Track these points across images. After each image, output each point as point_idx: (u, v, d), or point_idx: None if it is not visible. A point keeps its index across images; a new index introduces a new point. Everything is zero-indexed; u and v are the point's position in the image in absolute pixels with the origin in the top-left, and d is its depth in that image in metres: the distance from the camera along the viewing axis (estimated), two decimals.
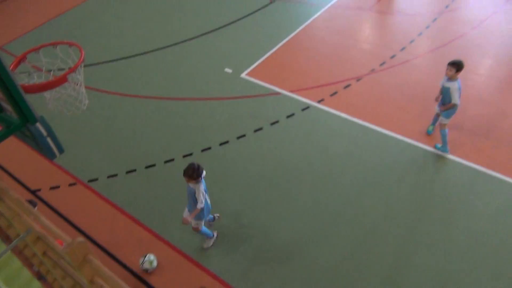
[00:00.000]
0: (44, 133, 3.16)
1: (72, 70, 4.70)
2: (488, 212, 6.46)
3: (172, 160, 7.92)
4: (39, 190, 7.65)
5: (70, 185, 7.71)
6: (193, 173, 5.44)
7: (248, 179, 7.41)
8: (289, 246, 6.36)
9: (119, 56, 10.92)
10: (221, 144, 8.09)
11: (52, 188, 7.69)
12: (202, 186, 5.63)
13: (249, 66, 9.98)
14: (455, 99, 6.84)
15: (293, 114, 8.53)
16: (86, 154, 8.28)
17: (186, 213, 5.99)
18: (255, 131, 8.28)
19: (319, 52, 10.22)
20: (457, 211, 6.53)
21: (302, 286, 5.84)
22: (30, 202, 5.38)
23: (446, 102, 7.04)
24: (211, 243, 6.45)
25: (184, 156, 7.94)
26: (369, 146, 7.70)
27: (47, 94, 5.07)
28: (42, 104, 4.66)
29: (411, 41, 10.18)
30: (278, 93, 9.10)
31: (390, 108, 8.42)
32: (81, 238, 2.18)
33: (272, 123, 8.39)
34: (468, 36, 10.18)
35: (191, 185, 5.56)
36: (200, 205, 5.61)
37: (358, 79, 9.18)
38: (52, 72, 5.73)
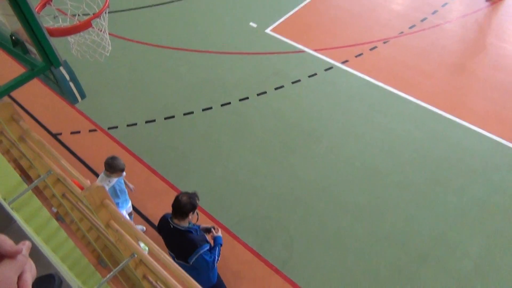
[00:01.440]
0: (67, 77, 3.17)
1: (97, 15, 4.66)
2: None
3: (192, 113, 7.94)
4: (60, 134, 7.79)
5: (90, 131, 7.82)
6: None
7: (265, 136, 7.41)
8: (301, 199, 6.43)
9: (144, 4, 10.78)
10: (241, 100, 8.06)
11: (73, 133, 7.81)
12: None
13: (275, 21, 9.78)
14: None
15: (315, 74, 8.40)
16: (107, 102, 8.35)
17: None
18: (276, 89, 8.20)
19: (347, 10, 9.93)
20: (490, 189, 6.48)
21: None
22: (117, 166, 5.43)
23: None
24: None
25: (203, 110, 7.95)
26: (390, 111, 7.59)
27: (71, 39, 5.06)
28: (66, 49, 4.66)
29: (444, 4, 9.80)
30: (302, 51, 8.94)
31: (415, 74, 8.23)
32: (99, 183, 2.22)
33: (294, 82, 8.29)
34: (505, 3, 9.76)
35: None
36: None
37: (385, 41, 8.94)
38: (76, 17, 5.70)
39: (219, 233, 4.51)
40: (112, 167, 5.23)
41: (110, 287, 4.75)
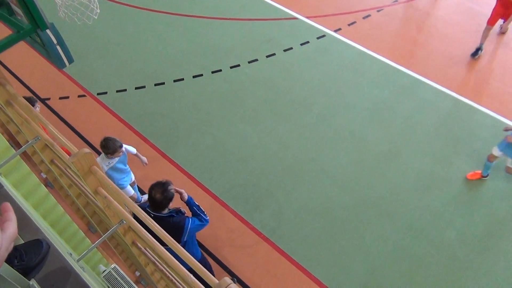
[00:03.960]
0: (54, 40, 3.10)
1: None
2: None
3: (182, 79, 7.85)
4: (48, 99, 7.68)
5: (79, 96, 7.73)
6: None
7: (255, 104, 7.38)
8: (290, 168, 6.47)
9: None
10: (232, 67, 7.98)
11: (62, 98, 7.71)
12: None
13: None
14: None
15: (307, 42, 8.31)
16: (96, 67, 8.22)
17: None
18: (268, 56, 8.12)
19: None
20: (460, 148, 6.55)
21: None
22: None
23: None
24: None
25: (194, 77, 7.86)
26: (381, 81, 7.57)
27: (58, 0, 4.93)
28: (53, 11, 4.54)
29: None
30: (294, 18, 8.81)
31: (408, 44, 8.18)
32: (86, 149, 2.20)
33: (286, 50, 8.20)
34: None
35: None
36: None
37: (379, 10, 8.83)
38: None
39: (185, 194, 4.40)
40: (108, 147, 5.03)
41: (100, 253, 4.79)
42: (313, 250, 5.76)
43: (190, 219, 4.31)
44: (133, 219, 2.40)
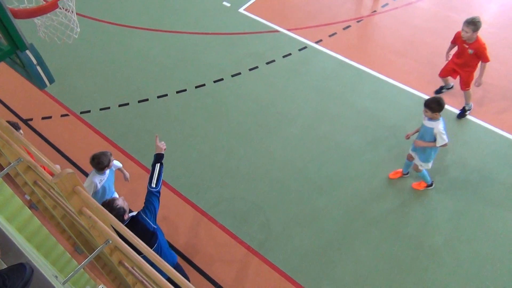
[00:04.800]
0: (34, 61, 3.08)
1: None
2: None
3: (166, 95, 7.84)
4: (30, 119, 7.61)
5: (62, 116, 7.66)
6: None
7: (240, 118, 7.40)
8: (277, 180, 6.47)
9: None
10: (215, 81, 7.99)
11: (44, 118, 7.64)
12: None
13: (248, 0, 9.66)
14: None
15: (289, 54, 8.37)
16: (79, 85, 8.17)
17: None
18: (251, 69, 8.16)
19: None
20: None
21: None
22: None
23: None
24: None
25: (177, 92, 7.86)
26: (364, 90, 7.65)
27: (37, 20, 4.90)
28: (33, 32, 4.52)
29: None
30: (276, 31, 8.88)
31: (388, 53, 8.28)
32: (69, 169, 2.18)
33: (268, 62, 8.25)
34: None
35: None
36: None
37: (358, 20, 8.95)
38: None
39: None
40: (103, 162, 4.97)
41: (87, 274, 4.72)
42: (303, 262, 5.74)
43: (143, 212, 4.36)
44: (119, 239, 2.37)
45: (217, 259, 5.83)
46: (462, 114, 7.09)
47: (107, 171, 5.21)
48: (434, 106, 5.32)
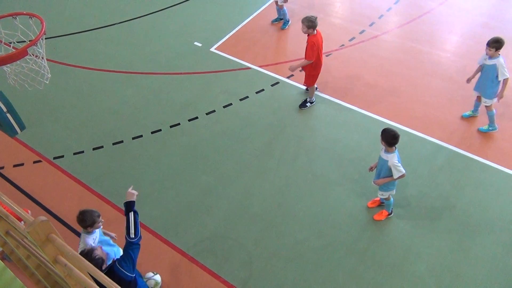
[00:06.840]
0: (4, 109, 3.06)
1: (33, 43, 4.53)
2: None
3: (141, 136, 7.81)
4: (1, 168, 7.44)
5: (35, 162, 7.52)
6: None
7: (216, 155, 7.40)
8: (257, 216, 6.43)
9: (83, 29, 10.56)
10: (190, 120, 8.01)
11: (16, 165, 7.49)
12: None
13: (219, 40, 9.83)
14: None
15: (262, 90, 8.49)
16: (51, 131, 8.07)
17: None
18: (225, 106, 8.22)
19: (289, 25, 10.12)
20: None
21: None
22: None
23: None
24: None
25: (152, 133, 7.84)
26: (336, 122, 7.78)
27: (6, 68, 4.88)
28: (3, 79, 4.49)
29: (380, 16, 10.20)
30: (248, 68, 9.02)
31: (358, 84, 8.48)
32: (43, 217, 2.12)
33: (242, 99, 8.34)
34: (435, 12, 10.27)
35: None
36: None
37: (327, 55, 9.17)
38: (12, 45, 5.51)
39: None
40: (85, 220, 4.78)
41: None
42: None
43: (119, 263, 4.23)
44: (97, 287, 2.30)
45: None
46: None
47: (97, 231, 5.00)
48: (390, 140, 5.49)
